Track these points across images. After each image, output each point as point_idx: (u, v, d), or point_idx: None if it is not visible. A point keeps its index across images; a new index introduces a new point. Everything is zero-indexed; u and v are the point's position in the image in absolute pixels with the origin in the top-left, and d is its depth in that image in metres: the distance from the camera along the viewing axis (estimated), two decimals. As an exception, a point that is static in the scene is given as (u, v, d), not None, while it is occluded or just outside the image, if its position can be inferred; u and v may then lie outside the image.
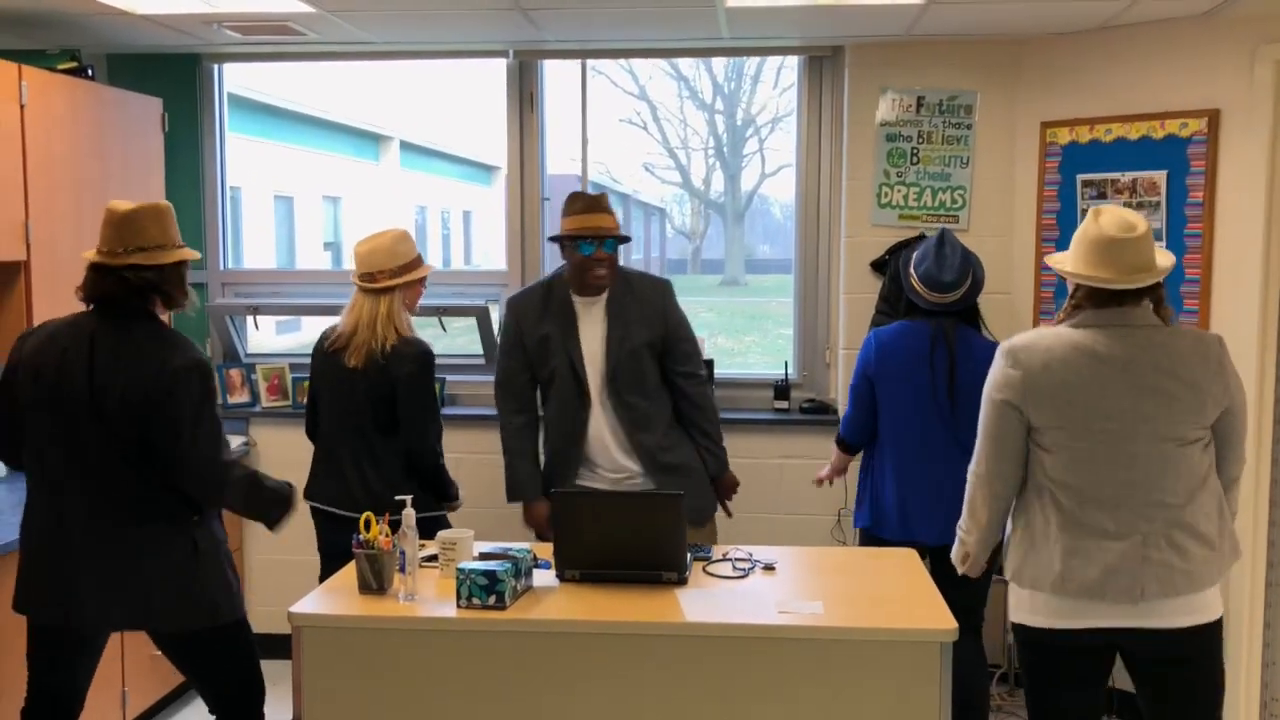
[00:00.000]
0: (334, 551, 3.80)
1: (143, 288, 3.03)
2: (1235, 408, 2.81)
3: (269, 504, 3.21)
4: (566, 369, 3.84)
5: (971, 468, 2.92)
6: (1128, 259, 2.73)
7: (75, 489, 3.03)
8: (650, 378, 3.90)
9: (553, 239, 3.95)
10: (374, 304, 3.73)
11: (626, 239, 3.89)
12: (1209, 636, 2.80)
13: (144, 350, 2.99)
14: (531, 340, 3.90)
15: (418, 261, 3.81)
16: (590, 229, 3.76)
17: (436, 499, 3.82)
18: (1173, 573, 2.71)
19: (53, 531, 3.05)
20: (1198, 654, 2.81)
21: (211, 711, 3.26)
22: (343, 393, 3.76)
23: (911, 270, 3.85)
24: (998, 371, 2.83)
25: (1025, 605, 2.84)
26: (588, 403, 3.85)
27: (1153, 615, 2.74)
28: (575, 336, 3.86)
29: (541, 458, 4.04)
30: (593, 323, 3.88)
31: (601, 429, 3.86)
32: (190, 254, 3.12)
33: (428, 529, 3.34)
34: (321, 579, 3.82)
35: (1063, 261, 2.86)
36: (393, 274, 3.73)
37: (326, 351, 3.81)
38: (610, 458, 3.87)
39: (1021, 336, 2.86)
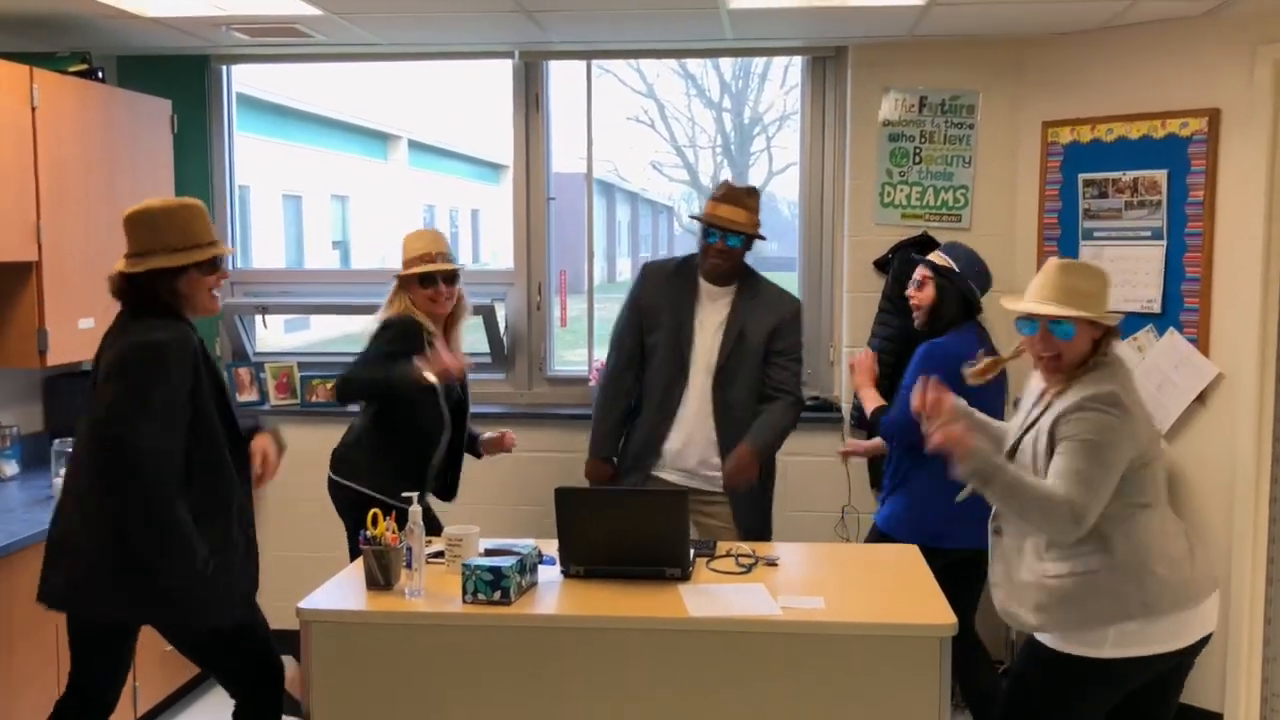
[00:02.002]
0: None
1: (118, 295, 3.03)
2: None
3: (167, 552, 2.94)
4: (672, 337, 3.89)
5: (1077, 515, 2.70)
6: None
7: (69, 488, 3.08)
8: (752, 381, 3.91)
9: (693, 217, 4.04)
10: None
11: (757, 237, 3.90)
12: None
13: (123, 333, 2.99)
14: (649, 301, 3.97)
15: (412, 259, 3.83)
16: (718, 220, 3.84)
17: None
18: (1211, 565, 2.96)
19: (57, 525, 3.10)
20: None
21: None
22: None
23: (968, 280, 3.81)
24: (1107, 419, 2.75)
25: (1143, 635, 2.79)
26: (685, 378, 3.88)
27: (1213, 617, 2.88)
28: (691, 311, 3.91)
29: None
30: (714, 309, 3.92)
31: (694, 412, 3.89)
32: (177, 261, 3.00)
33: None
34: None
35: (1099, 310, 2.86)
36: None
37: None
38: (694, 442, 3.90)
39: (1105, 385, 2.80)
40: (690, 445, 3.93)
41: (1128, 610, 2.75)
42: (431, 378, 3.58)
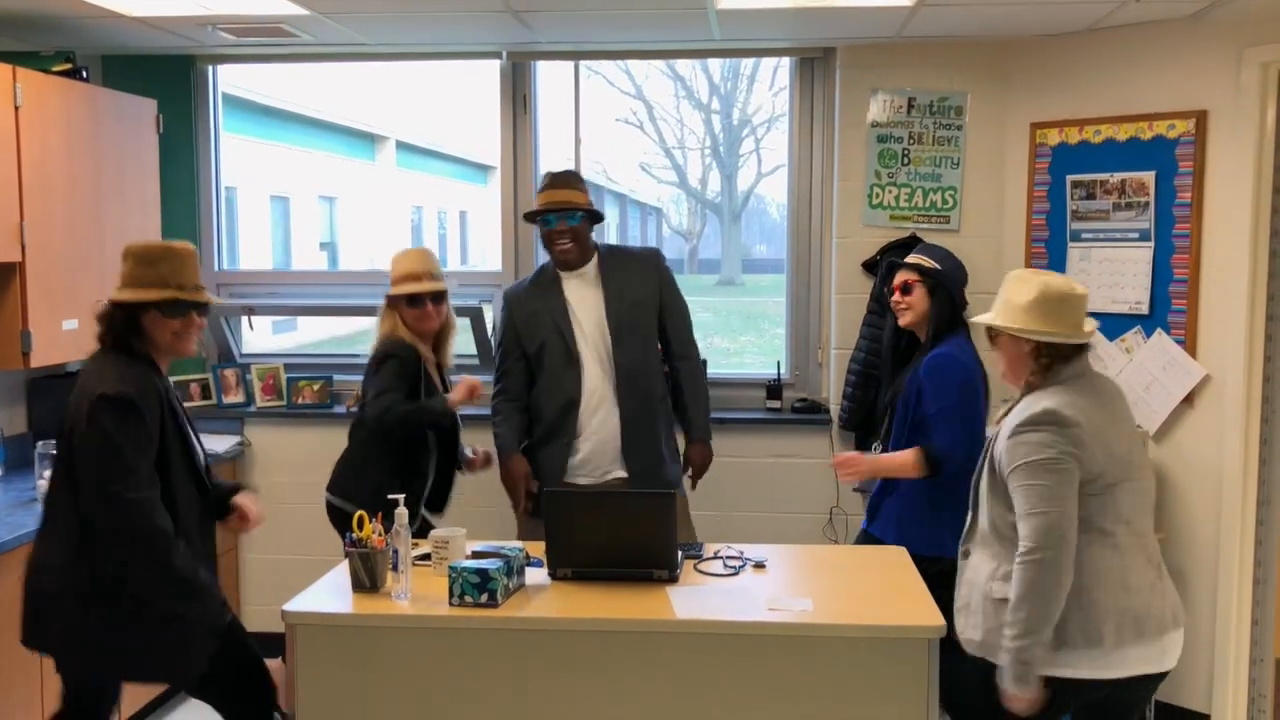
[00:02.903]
0: None
1: (99, 320, 3.04)
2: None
3: (177, 584, 2.94)
4: (554, 335, 3.94)
5: (1038, 550, 2.66)
6: (1080, 314, 2.84)
7: (42, 535, 3.06)
8: (648, 340, 4.00)
9: (525, 217, 4.10)
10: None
11: (593, 214, 3.99)
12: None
13: (87, 378, 2.99)
14: (521, 318, 4.02)
15: (400, 279, 3.83)
16: (553, 203, 3.91)
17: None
18: (1177, 598, 2.85)
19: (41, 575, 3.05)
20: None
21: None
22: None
23: (958, 282, 3.76)
24: (1047, 437, 2.71)
25: (1078, 659, 2.72)
26: (578, 364, 3.92)
27: (1169, 655, 2.79)
28: (563, 305, 3.96)
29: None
30: (584, 290, 3.99)
31: (594, 393, 3.92)
32: (128, 294, 3.00)
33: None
34: None
35: (1010, 323, 2.82)
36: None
37: None
38: (604, 425, 3.92)
39: (1043, 406, 2.75)
40: (601, 434, 3.94)
41: (1064, 635, 2.67)
42: (457, 401, 3.78)
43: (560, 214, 3.90)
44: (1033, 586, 2.64)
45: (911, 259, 3.82)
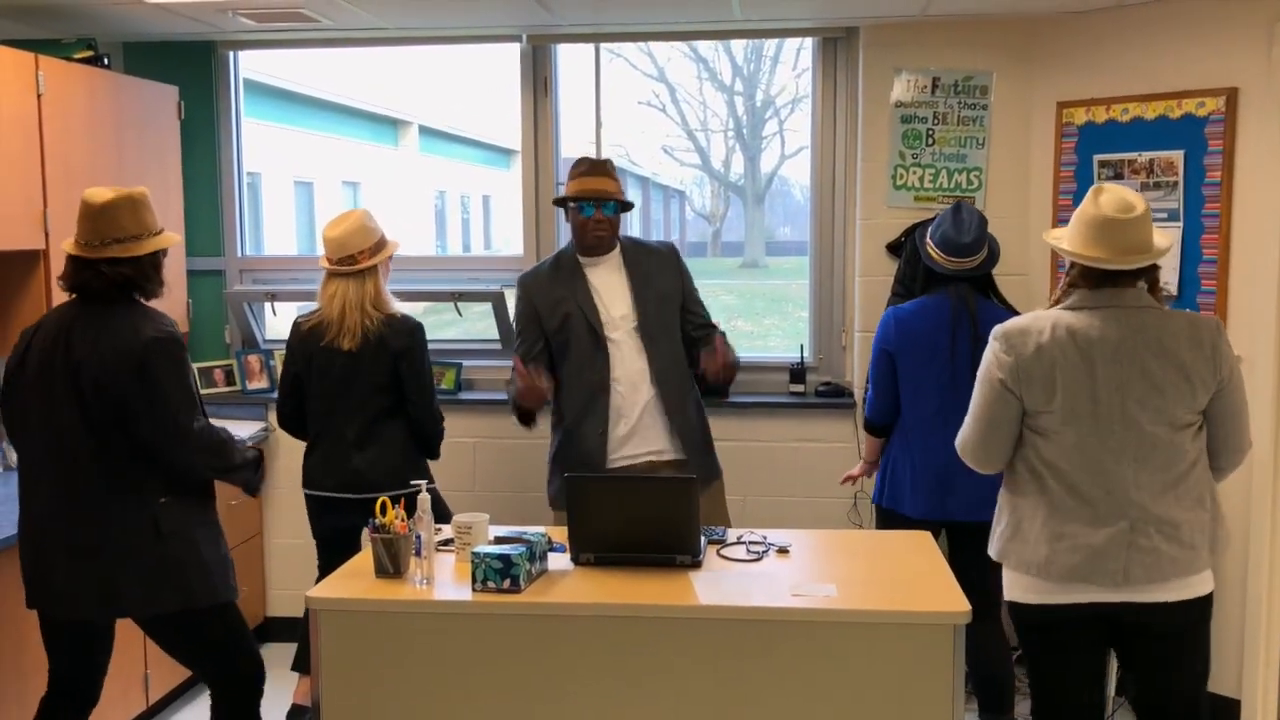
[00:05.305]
0: (334, 537, 3.87)
1: (119, 281, 3.05)
2: (1228, 390, 2.77)
3: (243, 466, 3.26)
4: (580, 320, 3.87)
5: (960, 444, 2.98)
6: (1124, 240, 2.73)
7: (49, 476, 3.06)
8: (676, 330, 3.97)
9: (556, 202, 4.05)
10: (359, 285, 3.83)
11: (628, 205, 3.96)
12: (1197, 610, 2.81)
13: (118, 326, 3.03)
14: (545, 307, 3.93)
15: (385, 238, 3.93)
16: (591, 192, 3.84)
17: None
18: (1160, 559, 2.72)
19: (32, 520, 3.10)
20: (1185, 627, 2.83)
21: (211, 690, 3.31)
22: (340, 378, 3.84)
23: (929, 238, 3.84)
24: (991, 355, 2.85)
25: (1015, 583, 2.89)
26: (605, 348, 3.86)
27: (1140, 592, 2.76)
28: (587, 290, 3.90)
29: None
30: (608, 276, 3.93)
31: (626, 377, 3.86)
32: (168, 240, 3.15)
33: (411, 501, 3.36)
34: (322, 566, 3.87)
35: (1060, 239, 2.87)
36: (371, 252, 3.84)
37: (310, 338, 3.88)
38: (646, 405, 3.86)
39: (1015, 321, 2.88)
40: (644, 415, 3.87)
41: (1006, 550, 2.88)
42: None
43: (597, 203, 3.85)
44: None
45: None
